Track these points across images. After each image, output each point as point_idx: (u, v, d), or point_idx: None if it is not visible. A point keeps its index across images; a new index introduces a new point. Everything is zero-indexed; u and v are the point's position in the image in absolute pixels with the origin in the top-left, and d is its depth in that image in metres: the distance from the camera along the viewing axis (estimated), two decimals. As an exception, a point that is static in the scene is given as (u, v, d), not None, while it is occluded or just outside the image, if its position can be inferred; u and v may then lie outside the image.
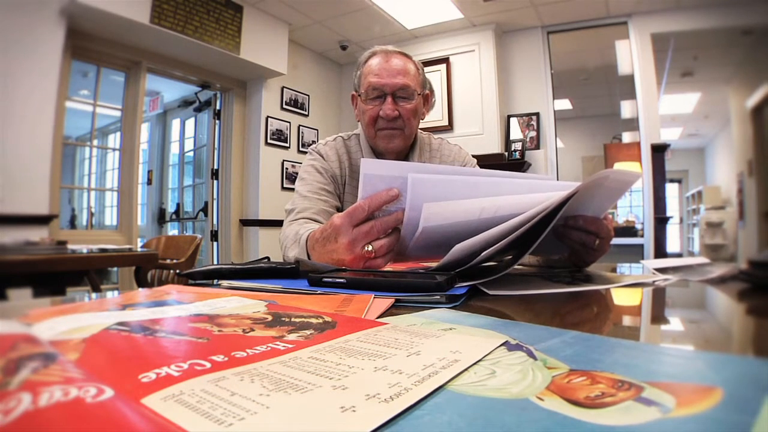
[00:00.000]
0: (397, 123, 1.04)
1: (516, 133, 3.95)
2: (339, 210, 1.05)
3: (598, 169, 5.49)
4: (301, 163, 1.19)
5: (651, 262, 0.75)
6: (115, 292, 0.49)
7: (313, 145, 1.14)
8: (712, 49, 4.46)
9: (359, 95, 1.07)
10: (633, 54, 3.70)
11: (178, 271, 2.40)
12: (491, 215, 0.56)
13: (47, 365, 0.19)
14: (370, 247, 0.60)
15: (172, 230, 4.69)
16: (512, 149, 3.82)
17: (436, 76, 4.04)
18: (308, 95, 4.44)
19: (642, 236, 3.72)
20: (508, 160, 3.74)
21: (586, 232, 0.64)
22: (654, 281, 0.59)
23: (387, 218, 0.60)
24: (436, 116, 4.02)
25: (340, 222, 0.62)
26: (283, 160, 4.17)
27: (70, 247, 1.97)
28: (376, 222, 0.60)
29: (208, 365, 0.22)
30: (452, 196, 0.56)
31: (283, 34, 3.90)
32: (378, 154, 1.12)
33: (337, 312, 0.37)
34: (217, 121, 4.04)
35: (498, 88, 3.88)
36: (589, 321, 0.41)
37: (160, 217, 4.67)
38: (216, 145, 4.04)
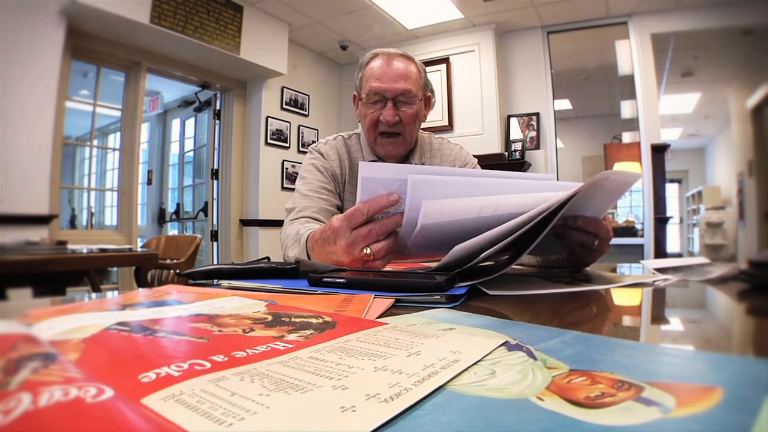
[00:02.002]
0: (397, 128, 1.04)
1: (516, 133, 3.95)
2: (339, 209, 1.06)
3: (599, 169, 5.46)
4: (301, 163, 1.19)
5: (651, 262, 0.75)
6: (115, 292, 0.49)
7: (314, 144, 1.14)
8: (712, 49, 4.46)
9: (360, 98, 1.07)
10: (633, 54, 3.70)
11: (178, 271, 2.40)
12: (490, 214, 0.56)
13: (47, 365, 0.19)
14: (369, 250, 0.60)
15: (172, 230, 4.69)
16: (512, 149, 3.82)
17: (436, 76, 4.04)
18: (308, 95, 4.44)
19: (642, 236, 3.72)
20: (508, 160, 3.74)
21: (585, 232, 0.64)
22: (654, 281, 0.59)
23: (386, 221, 0.60)
24: (436, 116, 4.02)
25: (338, 225, 0.62)
26: (283, 160, 4.17)
27: (70, 247, 1.97)
28: (375, 225, 0.60)
29: (208, 365, 0.22)
30: (452, 197, 0.56)
31: (283, 34, 3.90)
32: (378, 155, 1.12)
33: (337, 312, 0.37)
34: (217, 121, 4.04)
35: (498, 88, 3.88)
36: (589, 321, 0.41)
37: (160, 217, 4.67)
38: (216, 145, 4.04)
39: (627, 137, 5.60)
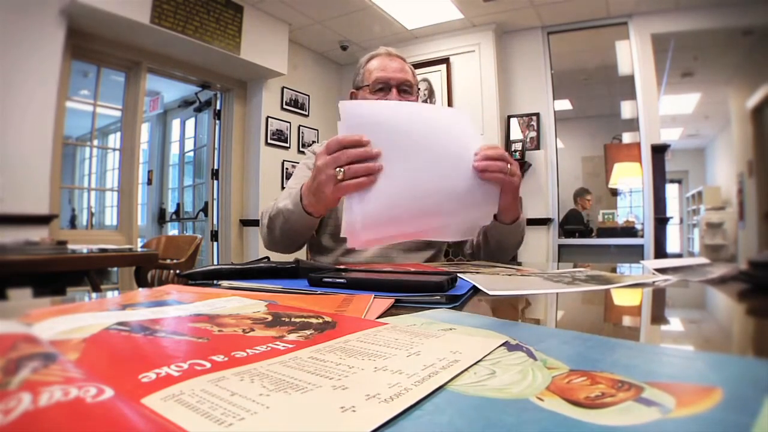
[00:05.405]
0: None
1: (516, 133, 3.95)
2: (331, 210, 1.10)
3: (599, 169, 5.40)
4: (301, 163, 1.25)
5: (651, 263, 0.75)
6: (115, 292, 0.49)
7: (310, 146, 1.21)
8: (712, 50, 4.46)
9: (367, 86, 1.15)
10: (633, 54, 3.69)
11: (178, 271, 2.40)
12: (421, 123, 0.71)
13: (47, 365, 0.19)
14: (341, 170, 0.67)
15: (172, 230, 4.69)
16: (512, 149, 3.82)
17: (436, 76, 4.04)
18: (308, 95, 4.44)
19: (642, 237, 3.72)
20: (508, 161, 3.73)
21: (492, 159, 0.76)
22: (654, 281, 0.59)
23: (357, 150, 0.67)
24: (436, 116, 4.01)
25: (319, 152, 0.72)
26: (284, 161, 4.17)
27: (70, 247, 1.97)
28: (347, 150, 0.68)
29: (208, 365, 0.22)
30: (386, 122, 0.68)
31: (283, 34, 3.89)
32: None
33: (337, 312, 0.37)
34: (217, 121, 4.04)
35: (498, 88, 3.88)
36: (589, 321, 0.41)
37: (160, 217, 4.67)
38: (216, 145, 4.03)
39: (627, 137, 5.59)
